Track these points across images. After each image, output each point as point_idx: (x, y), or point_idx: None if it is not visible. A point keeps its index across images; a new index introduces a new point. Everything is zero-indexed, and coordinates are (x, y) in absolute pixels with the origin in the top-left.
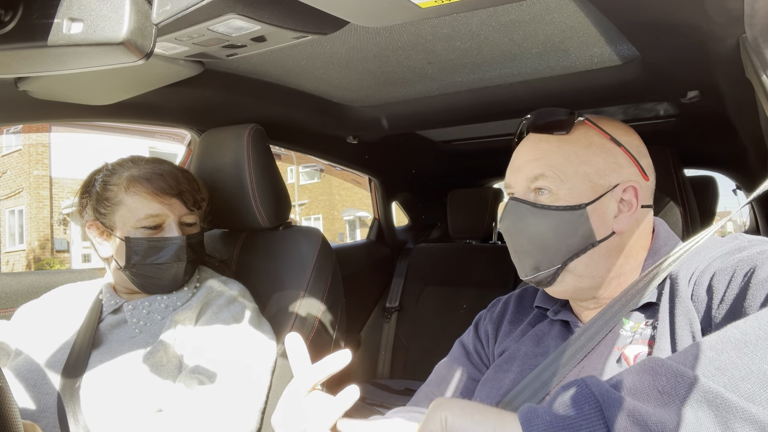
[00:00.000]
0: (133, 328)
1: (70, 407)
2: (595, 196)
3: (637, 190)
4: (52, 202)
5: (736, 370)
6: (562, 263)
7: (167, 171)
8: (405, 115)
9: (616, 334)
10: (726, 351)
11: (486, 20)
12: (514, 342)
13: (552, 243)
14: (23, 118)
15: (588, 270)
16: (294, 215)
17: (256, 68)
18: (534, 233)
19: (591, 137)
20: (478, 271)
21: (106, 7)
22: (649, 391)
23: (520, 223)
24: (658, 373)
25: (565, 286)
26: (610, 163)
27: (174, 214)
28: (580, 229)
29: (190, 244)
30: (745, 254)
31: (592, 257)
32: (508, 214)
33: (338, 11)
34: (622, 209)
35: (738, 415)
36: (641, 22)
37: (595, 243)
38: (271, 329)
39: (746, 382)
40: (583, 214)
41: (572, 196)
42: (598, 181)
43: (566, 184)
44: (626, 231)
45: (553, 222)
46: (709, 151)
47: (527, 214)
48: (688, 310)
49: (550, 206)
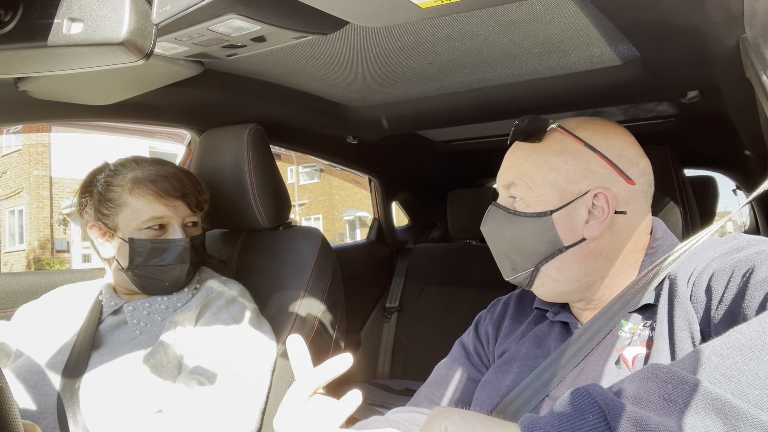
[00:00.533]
0: (134, 329)
1: (69, 408)
2: (562, 203)
3: (608, 197)
4: (52, 202)
5: (742, 376)
6: (534, 267)
7: (171, 173)
8: (405, 115)
9: (614, 335)
10: (732, 357)
11: (486, 20)
12: (515, 343)
13: (523, 247)
14: (23, 118)
15: (561, 274)
16: (294, 215)
17: (256, 68)
18: (508, 237)
19: (565, 144)
20: (478, 271)
21: (106, 7)
22: (654, 399)
23: (497, 228)
24: (663, 381)
25: (545, 289)
26: (581, 169)
27: (178, 216)
28: (546, 235)
29: (194, 246)
30: (743, 254)
31: (563, 261)
32: (488, 218)
33: (338, 11)
34: (595, 215)
35: (747, 423)
36: (641, 23)
37: (563, 249)
38: (270, 329)
39: (754, 389)
40: (548, 221)
41: (540, 203)
42: (566, 188)
43: (534, 192)
44: (599, 236)
45: (523, 228)
46: (709, 151)
47: (503, 219)
48: (687, 311)
49: (520, 213)
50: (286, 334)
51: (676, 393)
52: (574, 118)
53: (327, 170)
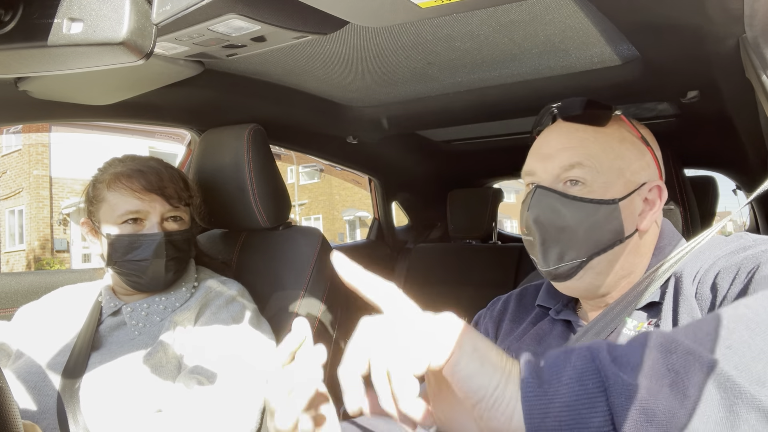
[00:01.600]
0: (132, 330)
1: (70, 408)
2: (626, 192)
3: (661, 190)
4: (52, 202)
5: (747, 349)
6: (587, 257)
7: (150, 167)
8: (405, 115)
9: (619, 333)
10: (738, 330)
11: (486, 20)
12: (516, 341)
13: (581, 235)
14: (23, 118)
15: (608, 266)
16: (294, 215)
17: (256, 68)
18: (564, 224)
19: (624, 133)
20: (478, 271)
21: (106, 7)
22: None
23: (551, 213)
24: (668, 350)
25: (581, 283)
26: (640, 161)
27: (155, 211)
28: (610, 224)
29: (171, 241)
30: (749, 252)
31: (616, 254)
32: (537, 203)
33: (338, 11)
34: (646, 208)
35: (745, 401)
36: (641, 22)
37: (623, 239)
38: (270, 329)
39: (758, 363)
40: (616, 209)
41: (606, 190)
42: (630, 177)
43: (602, 176)
44: (648, 230)
45: (584, 214)
46: (709, 151)
47: (558, 203)
48: (692, 308)
49: (583, 198)
50: (285, 334)
51: (679, 364)
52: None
53: (327, 170)
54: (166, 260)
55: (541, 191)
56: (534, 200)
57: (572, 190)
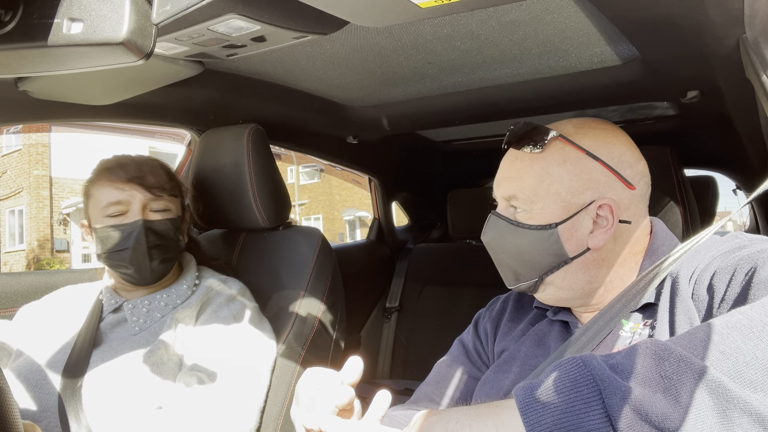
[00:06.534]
0: (133, 326)
1: (71, 407)
2: (567, 215)
3: (612, 207)
4: (52, 202)
5: (740, 355)
6: (539, 277)
7: (131, 161)
8: (405, 115)
9: (615, 335)
10: (731, 336)
11: (486, 20)
12: (514, 342)
13: (527, 259)
14: (23, 118)
15: (566, 283)
16: (294, 215)
17: (256, 68)
18: (511, 248)
19: (566, 153)
20: (478, 271)
21: (106, 7)
22: (650, 375)
23: (500, 238)
24: (660, 358)
25: (547, 296)
26: (584, 180)
27: (135, 200)
28: (551, 248)
29: (152, 228)
30: (745, 252)
31: (567, 272)
32: (490, 228)
33: (338, 11)
34: (599, 224)
35: (738, 406)
36: (641, 22)
37: (568, 260)
38: (270, 329)
39: (750, 368)
40: (554, 234)
41: (544, 216)
42: (570, 199)
43: (538, 204)
44: (603, 246)
45: (527, 239)
46: (709, 151)
47: (505, 229)
48: (688, 309)
49: (523, 224)
50: (286, 334)
51: (672, 370)
52: (570, 121)
53: (327, 170)
54: (148, 248)
55: (494, 217)
56: (488, 225)
57: (517, 216)
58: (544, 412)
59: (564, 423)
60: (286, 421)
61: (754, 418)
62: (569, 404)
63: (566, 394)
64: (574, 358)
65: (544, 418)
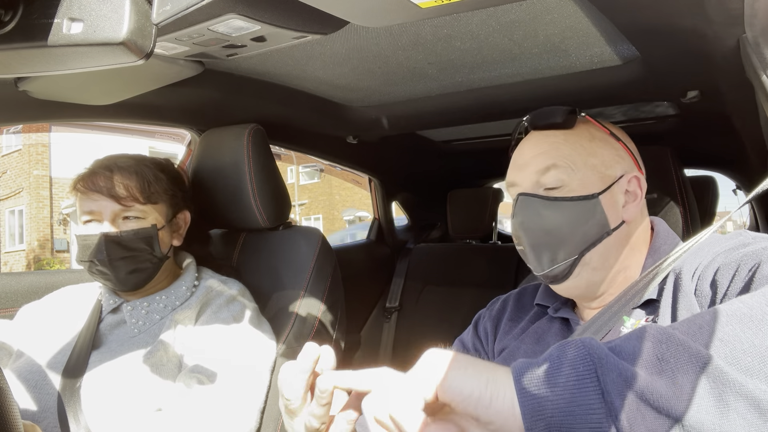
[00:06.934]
0: (132, 328)
1: (71, 408)
2: (604, 186)
3: (639, 181)
4: (52, 202)
5: (738, 342)
6: (579, 254)
7: (101, 167)
8: (405, 115)
9: (617, 331)
10: (730, 324)
11: (486, 20)
12: (514, 340)
13: (568, 234)
14: (23, 118)
15: (602, 261)
16: (294, 215)
17: (256, 68)
18: (549, 226)
19: (592, 132)
20: (478, 271)
21: (106, 7)
22: (647, 357)
23: (537, 217)
24: (658, 341)
25: (579, 280)
26: (613, 155)
27: (106, 211)
28: (594, 218)
29: (116, 241)
30: (749, 249)
31: (607, 247)
32: (521, 210)
33: (338, 11)
34: (628, 200)
35: (734, 390)
36: (641, 22)
37: (609, 231)
38: (270, 329)
39: (747, 356)
40: (597, 203)
41: (584, 187)
42: (605, 171)
43: (577, 174)
44: (633, 221)
45: (567, 213)
46: (709, 151)
47: (540, 207)
48: (691, 305)
49: (564, 198)
50: (286, 334)
51: (670, 353)
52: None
53: (327, 170)
54: (110, 260)
55: (523, 198)
56: (518, 207)
57: (552, 193)
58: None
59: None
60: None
61: (750, 403)
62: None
63: (561, 369)
64: (574, 340)
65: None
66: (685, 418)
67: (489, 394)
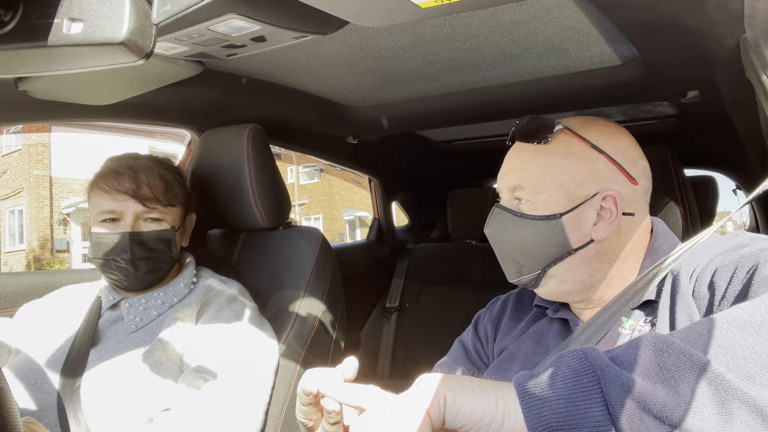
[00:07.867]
0: (130, 324)
1: (70, 407)
2: (571, 206)
3: (616, 199)
4: (52, 202)
5: (739, 349)
6: (542, 269)
7: (127, 168)
8: (405, 115)
9: (615, 332)
10: (731, 330)
11: (486, 20)
12: (514, 340)
13: (531, 250)
14: (23, 118)
15: (568, 275)
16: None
17: (256, 68)
18: (514, 240)
19: (571, 145)
20: (478, 271)
21: (106, 7)
22: (649, 366)
23: (503, 230)
24: (659, 349)
25: (548, 289)
26: (588, 171)
27: (129, 211)
28: (555, 238)
29: (140, 241)
30: (747, 251)
31: (571, 264)
32: (493, 220)
33: (338, 11)
34: (603, 216)
35: (736, 397)
36: (641, 22)
37: (571, 251)
38: (271, 329)
39: (748, 362)
40: (558, 224)
41: (548, 206)
42: (575, 190)
43: (542, 195)
44: (607, 238)
45: (531, 230)
46: (709, 151)
47: (509, 221)
48: (689, 306)
49: (528, 215)
50: (286, 334)
51: (671, 362)
52: (575, 118)
53: (327, 170)
54: (133, 260)
55: (497, 210)
56: (491, 217)
57: (521, 207)
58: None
59: (562, 411)
60: (287, 421)
61: (752, 410)
62: (567, 392)
63: (565, 382)
64: (574, 350)
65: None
66: (688, 426)
67: (501, 414)
